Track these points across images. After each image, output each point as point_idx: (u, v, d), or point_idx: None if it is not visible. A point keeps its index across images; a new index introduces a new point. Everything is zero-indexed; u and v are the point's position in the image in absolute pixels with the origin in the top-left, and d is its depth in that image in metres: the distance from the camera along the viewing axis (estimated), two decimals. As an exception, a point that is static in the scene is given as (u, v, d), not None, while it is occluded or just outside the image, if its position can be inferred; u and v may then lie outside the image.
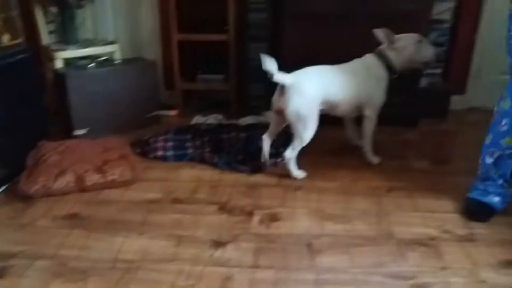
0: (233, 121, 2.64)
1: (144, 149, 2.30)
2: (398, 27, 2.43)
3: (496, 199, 1.75)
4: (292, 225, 1.69)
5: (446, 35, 2.72)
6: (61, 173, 1.89)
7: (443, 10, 2.61)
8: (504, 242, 1.58)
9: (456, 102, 2.94)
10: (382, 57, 2.09)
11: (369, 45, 2.41)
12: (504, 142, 1.68)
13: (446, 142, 2.53)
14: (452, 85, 2.89)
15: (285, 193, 1.93)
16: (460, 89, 2.96)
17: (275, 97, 1.99)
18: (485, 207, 1.74)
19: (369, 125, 2.14)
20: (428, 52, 2.12)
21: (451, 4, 2.64)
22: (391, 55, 2.08)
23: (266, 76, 1.88)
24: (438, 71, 2.82)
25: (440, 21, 2.65)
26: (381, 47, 2.11)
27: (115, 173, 1.95)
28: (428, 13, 2.42)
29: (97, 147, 2.11)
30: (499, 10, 2.66)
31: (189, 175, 2.10)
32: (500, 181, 1.75)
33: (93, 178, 1.90)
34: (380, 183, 2.00)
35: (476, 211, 1.75)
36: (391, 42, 2.07)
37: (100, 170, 1.94)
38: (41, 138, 2.19)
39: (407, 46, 2.07)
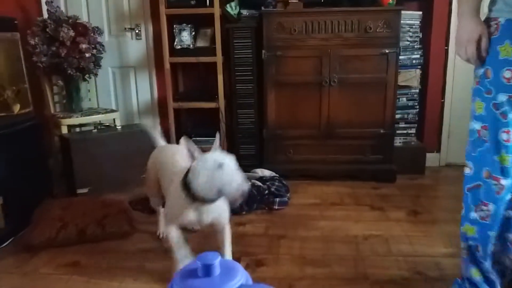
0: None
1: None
2: (368, 92, 2.75)
3: None
4: (276, 269, 1.84)
5: (415, 100, 3.01)
6: (64, 226, 2.05)
7: (410, 77, 2.92)
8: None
9: (433, 159, 3.17)
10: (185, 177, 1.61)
11: (341, 105, 2.73)
12: None
13: (422, 195, 2.71)
14: (426, 143, 3.14)
15: (270, 241, 2.09)
16: (434, 147, 3.20)
17: None
18: None
19: None
20: (228, 180, 1.47)
21: (418, 72, 2.96)
22: (190, 176, 1.57)
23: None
24: (413, 131, 3.09)
25: (409, 87, 2.95)
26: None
27: (114, 226, 2.12)
28: (396, 80, 2.72)
29: (97, 203, 2.29)
30: (460, 75, 2.99)
31: (182, 227, 2.26)
32: None
33: (93, 231, 2.07)
34: (359, 232, 2.17)
35: None
36: (194, 160, 1.56)
37: (100, 223, 2.11)
38: (46, 196, 2.37)
39: (201, 170, 1.51)
